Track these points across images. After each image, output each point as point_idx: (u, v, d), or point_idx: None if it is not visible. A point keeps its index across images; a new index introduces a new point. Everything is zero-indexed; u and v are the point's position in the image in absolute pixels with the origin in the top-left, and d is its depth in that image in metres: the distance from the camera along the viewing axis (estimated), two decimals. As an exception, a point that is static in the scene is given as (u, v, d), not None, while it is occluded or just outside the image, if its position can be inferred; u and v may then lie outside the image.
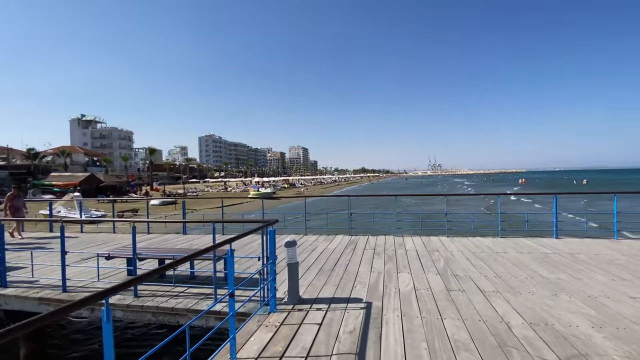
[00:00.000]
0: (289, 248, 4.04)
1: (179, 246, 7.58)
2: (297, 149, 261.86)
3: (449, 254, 6.15)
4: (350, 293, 4.31)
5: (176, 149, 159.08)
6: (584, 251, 6.07)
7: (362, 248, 6.80)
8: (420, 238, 7.58)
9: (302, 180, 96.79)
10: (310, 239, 7.93)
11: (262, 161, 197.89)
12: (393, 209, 30.07)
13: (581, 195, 30.46)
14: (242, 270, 5.56)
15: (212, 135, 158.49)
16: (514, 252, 6.08)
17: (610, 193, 7.05)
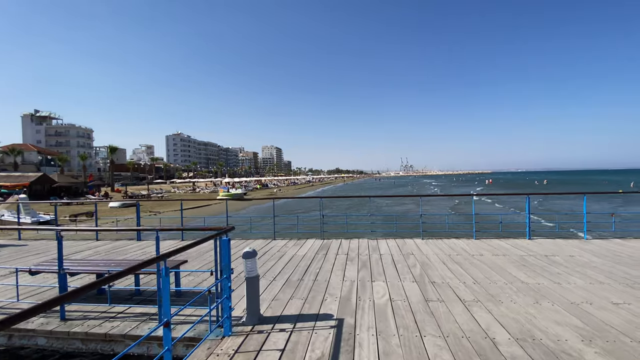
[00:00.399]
0: (247, 260, 3.47)
1: (128, 255, 6.72)
2: (270, 148, 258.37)
3: (425, 258, 5.84)
4: (319, 308, 3.81)
5: (141, 148, 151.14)
6: (557, 252, 6.00)
7: (335, 253, 6.34)
8: (395, 241, 7.27)
9: (275, 180, 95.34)
10: (279, 244, 7.36)
11: (234, 161, 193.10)
12: (367, 210, 30.31)
13: (548, 195, 32.85)
14: (196, 285, 4.89)
15: (181, 134, 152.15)
16: (490, 255, 5.89)
17: (581, 193, 7.11)
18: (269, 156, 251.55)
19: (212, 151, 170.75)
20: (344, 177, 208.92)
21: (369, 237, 7.79)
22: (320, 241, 7.49)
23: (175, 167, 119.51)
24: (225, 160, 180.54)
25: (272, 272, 5.24)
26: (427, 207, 29.56)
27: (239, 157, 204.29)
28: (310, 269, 5.37)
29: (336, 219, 21.31)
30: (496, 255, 5.86)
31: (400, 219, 18.14)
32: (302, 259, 5.98)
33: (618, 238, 6.96)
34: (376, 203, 34.51)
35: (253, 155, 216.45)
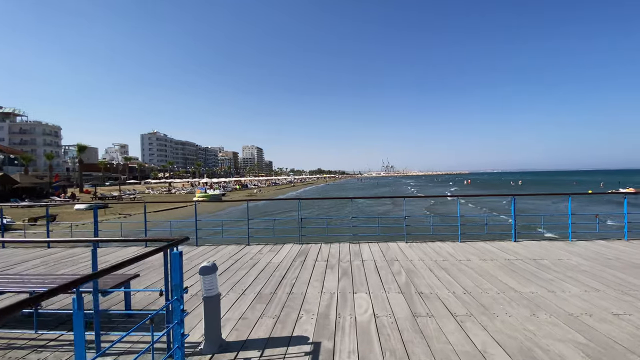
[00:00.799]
0: (205, 276, 2.89)
1: (79, 266, 5.92)
2: (251, 148, 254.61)
3: (410, 264, 5.44)
4: (293, 328, 3.28)
5: (115, 147, 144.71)
6: (545, 256, 5.77)
7: (314, 260, 5.83)
8: (378, 245, 6.85)
9: (256, 181, 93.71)
10: (253, 250, 6.77)
11: (213, 161, 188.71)
12: (348, 212, 30.14)
13: (533, 195, 33.05)
14: (151, 303, 4.24)
15: (157, 133, 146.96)
16: (478, 260, 5.57)
17: (565, 194, 6.95)
18: (249, 156, 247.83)
19: (190, 151, 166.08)
20: (326, 177, 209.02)
21: (351, 240, 7.34)
22: (298, 246, 6.96)
23: (151, 167, 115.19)
24: (204, 160, 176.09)
25: (242, 284, 4.66)
26: (405, 207, 29.52)
27: (218, 157, 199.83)
28: (285, 279, 4.83)
29: (316, 222, 20.31)
30: (484, 260, 5.55)
31: (383, 221, 17.77)
32: (277, 268, 5.44)
33: (601, 239, 6.86)
34: (358, 204, 34.29)
35: (233, 155, 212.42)
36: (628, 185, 57.34)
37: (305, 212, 29.04)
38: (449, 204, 34.46)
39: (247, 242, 7.37)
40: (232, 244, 7.39)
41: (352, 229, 7.85)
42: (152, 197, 42.74)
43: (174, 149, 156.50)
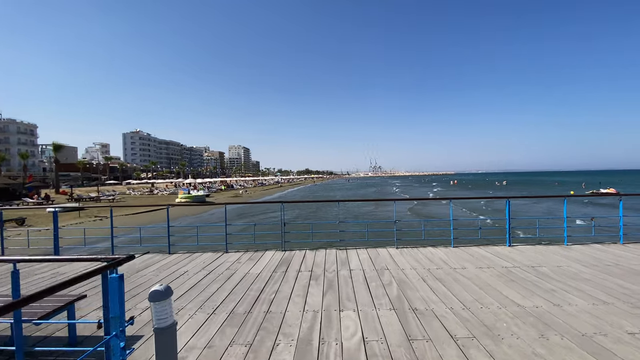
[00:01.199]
0: (156, 303, 2.34)
1: (28, 281, 5.20)
2: (237, 148, 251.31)
3: (402, 273, 5.01)
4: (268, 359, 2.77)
5: (96, 146, 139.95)
6: (543, 262, 5.44)
7: (297, 270, 5.32)
8: (367, 251, 6.40)
9: (242, 181, 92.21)
10: (231, 258, 6.19)
11: (198, 161, 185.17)
12: (335, 215, 28.23)
13: (527, 198, 32.87)
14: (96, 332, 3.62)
15: (139, 132, 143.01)
16: (473, 268, 5.18)
17: (561, 197, 6.68)
18: (236, 156, 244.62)
19: (174, 150, 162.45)
20: (314, 177, 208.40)
21: (338, 247, 6.86)
22: (281, 253, 6.43)
23: (133, 167, 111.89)
24: (189, 160, 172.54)
25: (214, 301, 4.10)
26: (387, 209, 29.24)
27: (203, 157, 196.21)
28: (264, 294, 4.30)
29: (300, 227, 19.13)
30: (480, 268, 5.16)
31: (372, 226, 17.05)
32: (256, 280, 4.89)
33: (597, 243, 6.62)
34: (345, 206, 33.32)
35: (219, 155, 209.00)
36: (609, 186, 59.05)
37: (290, 215, 27.55)
38: (431, 205, 34.09)
39: (224, 249, 6.78)
40: (208, 252, 6.79)
41: (339, 234, 7.32)
42: (132, 199, 41.14)
43: (158, 148, 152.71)
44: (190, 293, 4.39)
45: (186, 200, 36.52)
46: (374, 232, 11.10)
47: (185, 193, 39.86)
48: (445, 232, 6.72)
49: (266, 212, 28.83)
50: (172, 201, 37.63)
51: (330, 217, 26.20)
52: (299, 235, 11.46)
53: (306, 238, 9.71)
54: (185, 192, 40.18)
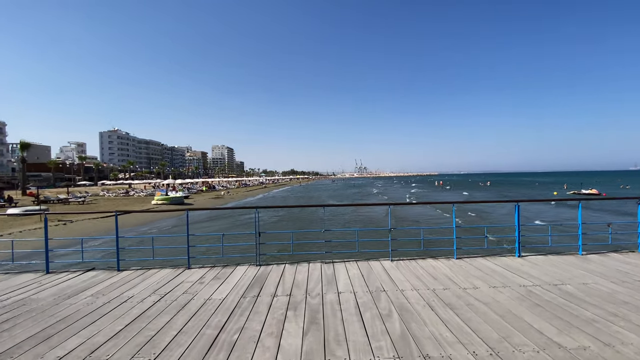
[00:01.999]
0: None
1: None
2: (221, 148, 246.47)
3: (402, 296, 4.03)
4: None
5: (71, 145, 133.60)
6: (564, 278, 4.59)
7: (271, 293, 4.25)
8: (357, 265, 5.40)
9: (225, 182, 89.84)
10: (193, 277, 5.05)
11: (180, 161, 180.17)
12: (320, 221, 24.18)
13: (537, 202, 29.94)
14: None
15: (118, 131, 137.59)
16: (486, 287, 4.26)
17: (576, 199, 5.89)
18: (219, 156, 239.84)
19: (154, 150, 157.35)
20: (299, 178, 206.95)
21: (323, 259, 5.82)
22: (254, 269, 5.34)
23: (111, 167, 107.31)
24: (170, 160, 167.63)
25: (154, 346, 2.99)
26: (367, 212, 27.46)
27: (185, 157, 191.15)
28: (224, 333, 3.22)
29: (279, 236, 16.65)
30: (494, 288, 4.25)
31: (363, 235, 15.68)
32: (218, 309, 3.80)
33: (613, 252, 5.88)
34: (331, 211, 30.47)
35: (201, 155, 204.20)
36: (590, 186, 60.34)
37: (268, 221, 24.80)
38: (413, 208, 32.64)
39: (187, 264, 5.63)
40: (167, 268, 5.62)
41: (324, 245, 6.25)
42: (105, 201, 38.75)
43: (137, 148, 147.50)
44: (126, 331, 3.26)
45: (162, 202, 34.61)
46: (365, 241, 10.09)
47: (162, 194, 37.86)
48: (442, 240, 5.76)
49: (244, 214, 27.36)
50: (148, 203, 35.64)
51: (315, 222, 23.75)
52: (278, 246, 10.36)
53: (286, 249, 8.58)
54: (163, 194, 38.17)
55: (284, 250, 11.45)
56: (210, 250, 12.18)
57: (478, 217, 25.04)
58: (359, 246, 6.28)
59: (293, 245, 5.90)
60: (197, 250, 9.86)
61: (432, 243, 11.85)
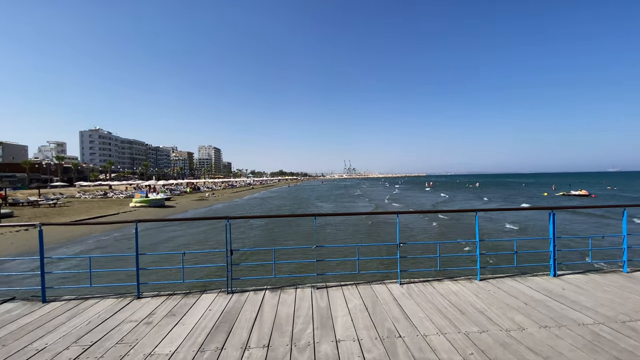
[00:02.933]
0: None
1: None
2: (208, 148, 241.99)
3: (426, 346, 2.89)
4: None
5: (50, 145, 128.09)
6: (628, 309, 3.55)
7: (242, 344, 3.04)
8: (358, 291, 4.23)
9: (211, 183, 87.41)
10: (139, 313, 3.79)
11: (165, 162, 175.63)
12: (310, 235, 18.64)
13: (574, 209, 24.48)
14: None
15: (99, 130, 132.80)
16: (535, 328, 3.17)
17: (620, 207, 4.87)
18: (206, 157, 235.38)
19: (138, 150, 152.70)
20: (288, 179, 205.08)
21: (313, 282, 4.63)
22: (224, 299, 4.12)
23: (91, 167, 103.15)
24: (155, 161, 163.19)
25: None
26: (332, 221, 22.58)
27: (171, 157, 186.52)
28: None
29: (258, 255, 13.30)
30: (547, 328, 3.15)
31: (365, 253, 12.96)
32: None
33: None
34: (323, 220, 24.59)
35: (188, 156, 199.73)
36: (579, 187, 60.21)
37: (246, 233, 19.96)
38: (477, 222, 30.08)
39: (136, 291, 4.33)
40: (111, 297, 4.31)
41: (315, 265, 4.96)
42: (80, 203, 36.39)
43: (120, 147, 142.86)
44: None
45: (141, 204, 32.64)
46: (365, 263, 8.72)
47: (142, 196, 35.81)
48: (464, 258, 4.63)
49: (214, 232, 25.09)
50: (127, 205, 33.61)
51: (304, 235, 18.84)
52: (254, 269, 8.76)
53: (266, 272, 7.18)
54: (143, 196, 36.10)
55: (263, 272, 9.46)
56: (169, 273, 9.73)
57: (464, 225, 21.88)
58: (360, 266, 5.07)
59: (275, 265, 4.66)
60: (151, 274, 8.46)
61: (446, 261, 9.91)
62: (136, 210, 30.57)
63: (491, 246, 13.29)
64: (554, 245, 4.63)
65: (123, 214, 27.72)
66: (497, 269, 5.31)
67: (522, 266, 5.94)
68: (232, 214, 26.83)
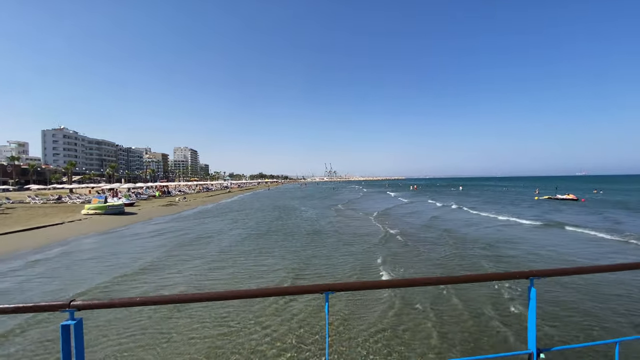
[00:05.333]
0: None
1: None
2: (184, 150, 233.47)
3: None
4: None
5: (10, 145, 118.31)
6: None
7: None
8: None
9: (185, 186, 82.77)
10: None
11: (138, 164, 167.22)
12: (294, 249, 14.47)
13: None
14: None
15: (64, 129, 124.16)
16: None
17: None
18: (182, 159, 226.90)
19: (108, 151, 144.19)
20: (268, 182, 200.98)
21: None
22: None
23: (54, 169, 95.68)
24: (126, 163, 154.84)
25: None
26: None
27: (144, 159, 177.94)
28: None
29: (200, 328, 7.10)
30: None
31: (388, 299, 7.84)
32: None
33: None
34: (318, 229, 20.63)
35: (162, 157, 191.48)
36: (566, 191, 56.28)
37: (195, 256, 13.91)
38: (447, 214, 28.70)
39: None
40: None
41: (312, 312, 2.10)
42: (25, 209, 32.07)
43: (87, 148, 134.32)
44: None
45: (95, 211, 28.88)
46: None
47: (100, 201, 31.96)
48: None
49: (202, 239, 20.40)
50: (79, 213, 29.75)
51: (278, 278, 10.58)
52: (213, 328, 6.12)
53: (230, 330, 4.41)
54: (101, 200, 32.24)
55: (226, 329, 6.83)
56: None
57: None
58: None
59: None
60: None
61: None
62: (88, 219, 26.85)
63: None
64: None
65: (70, 223, 24.06)
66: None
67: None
68: (194, 227, 21.52)
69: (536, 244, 15.95)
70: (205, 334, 6.75)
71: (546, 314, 7.66)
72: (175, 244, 16.70)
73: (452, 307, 8.11)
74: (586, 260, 12.91)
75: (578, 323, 7.28)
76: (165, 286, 10.19)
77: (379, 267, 12.07)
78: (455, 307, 8.19)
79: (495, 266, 12.23)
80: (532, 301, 1.86)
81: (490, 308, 8.02)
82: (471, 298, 8.67)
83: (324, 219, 27.22)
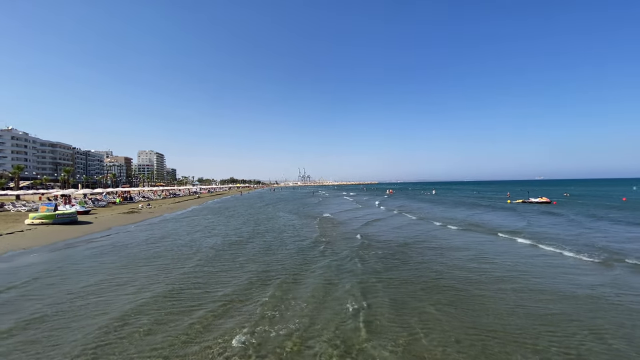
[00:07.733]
0: None
1: None
2: (149, 154, 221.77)
3: None
4: None
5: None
6: None
7: None
8: None
9: (149, 192, 77.68)
10: None
11: (97, 168, 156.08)
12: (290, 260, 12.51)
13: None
14: None
15: (12, 130, 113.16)
16: None
17: None
18: (147, 163, 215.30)
19: (63, 154, 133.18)
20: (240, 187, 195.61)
21: None
22: None
23: (0, 173, 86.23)
24: (84, 167, 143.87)
25: None
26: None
27: (104, 162, 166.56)
28: None
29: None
30: None
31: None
32: None
33: None
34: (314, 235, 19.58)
35: (125, 161, 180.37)
36: (539, 194, 58.97)
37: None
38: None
39: None
40: None
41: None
42: (-43, 219, 27.78)
43: (39, 151, 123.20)
44: None
45: (41, 221, 25.49)
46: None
47: (49, 209, 28.49)
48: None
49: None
50: (22, 222, 26.20)
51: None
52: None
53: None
54: (50, 208, 28.76)
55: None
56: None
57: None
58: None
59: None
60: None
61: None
62: (32, 230, 23.57)
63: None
64: None
65: (8, 235, 20.90)
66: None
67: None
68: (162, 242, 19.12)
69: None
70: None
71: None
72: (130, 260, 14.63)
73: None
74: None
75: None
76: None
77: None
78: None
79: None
80: None
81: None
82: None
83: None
